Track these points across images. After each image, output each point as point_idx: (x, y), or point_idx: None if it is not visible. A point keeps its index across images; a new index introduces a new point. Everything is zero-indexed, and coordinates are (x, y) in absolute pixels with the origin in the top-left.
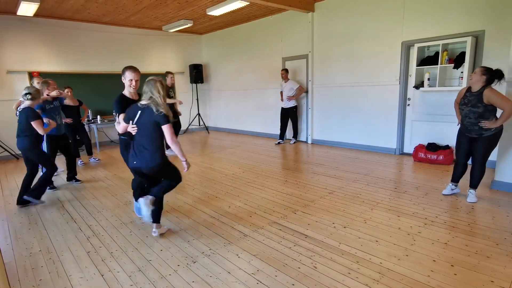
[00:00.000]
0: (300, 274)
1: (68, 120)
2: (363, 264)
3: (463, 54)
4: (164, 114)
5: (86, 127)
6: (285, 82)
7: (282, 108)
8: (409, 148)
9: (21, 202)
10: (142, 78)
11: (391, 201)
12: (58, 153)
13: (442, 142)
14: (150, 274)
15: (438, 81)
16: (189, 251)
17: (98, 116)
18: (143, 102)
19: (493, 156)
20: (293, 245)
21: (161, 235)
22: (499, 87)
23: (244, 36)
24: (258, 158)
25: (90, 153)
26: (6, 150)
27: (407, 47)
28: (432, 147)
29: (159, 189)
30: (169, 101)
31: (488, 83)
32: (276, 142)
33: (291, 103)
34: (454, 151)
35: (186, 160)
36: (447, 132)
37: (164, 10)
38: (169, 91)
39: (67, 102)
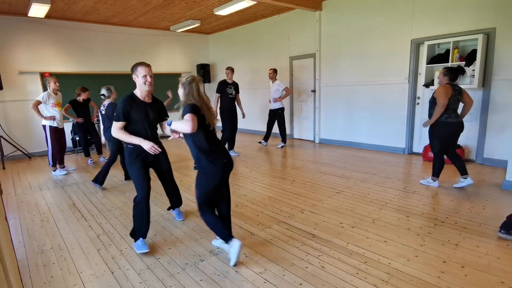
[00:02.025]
0: (308, 274)
1: (80, 120)
2: (371, 264)
3: (474, 51)
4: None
5: (96, 126)
6: (272, 82)
7: (270, 110)
8: (418, 147)
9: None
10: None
11: (400, 201)
12: (66, 152)
13: None
14: (159, 272)
15: None
16: (197, 249)
17: None
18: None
19: (504, 155)
20: (300, 245)
21: None
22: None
23: (251, 36)
24: (265, 158)
25: (100, 152)
26: (18, 149)
27: (416, 45)
28: None
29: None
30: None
31: (451, 80)
32: (258, 141)
33: (277, 105)
34: None
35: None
36: None
37: (172, 11)
38: (228, 87)
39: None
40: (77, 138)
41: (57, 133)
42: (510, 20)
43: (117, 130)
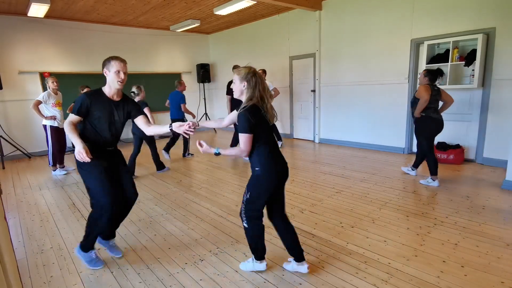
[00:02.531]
0: (307, 274)
1: None
2: (371, 264)
3: (474, 51)
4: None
5: None
6: None
7: None
8: None
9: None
10: (150, 78)
11: (399, 200)
12: (66, 152)
13: (452, 141)
14: (159, 272)
15: (449, 79)
16: (197, 249)
17: None
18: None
19: (503, 155)
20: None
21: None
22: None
23: (251, 35)
24: None
25: None
26: (18, 149)
27: (416, 44)
28: (442, 146)
29: None
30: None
31: (431, 81)
32: None
33: None
34: None
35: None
36: (457, 131)
37: (171, 10)
38: None
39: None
40: None
41: (57, 133)
42: (509, 20)
43: (68, 123)
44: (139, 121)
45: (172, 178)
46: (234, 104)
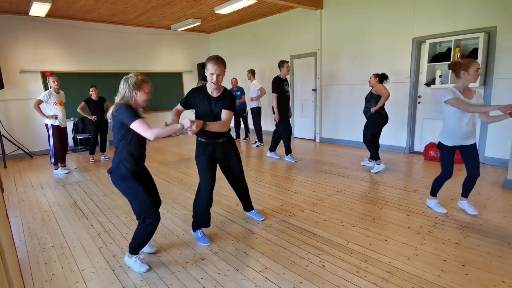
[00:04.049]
0: (308, 273)
1: (93, 118)
2: (371, 263)
3: (475, 50)
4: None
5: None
6: (251, 82)
7: (250, 109)
8: (419, 146)
9: None
10: (151, 77)
11: (400, 200)
12: (69, 151)
13: None
14: (160, 271)
15: (450, 78)
16: (198, 248)
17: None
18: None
19: (505, 154)
20: (301, 243)
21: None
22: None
23: (252, 34)
24: (265, 156)
25: (103, 150)
26: (20, 148)
27: (418, 43)
28: None
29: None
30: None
31: (380, 82)
32: (255, 145)
33: (253, 104)
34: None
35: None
36: None
37: (172, 9)
38: (284, 84)
39: None
40: (79, 137)
41: (59, 132)
42: (511, 19)
43: (174, 109)
44: (221, 114)
45: (173, 177)
46: (280, 102)
